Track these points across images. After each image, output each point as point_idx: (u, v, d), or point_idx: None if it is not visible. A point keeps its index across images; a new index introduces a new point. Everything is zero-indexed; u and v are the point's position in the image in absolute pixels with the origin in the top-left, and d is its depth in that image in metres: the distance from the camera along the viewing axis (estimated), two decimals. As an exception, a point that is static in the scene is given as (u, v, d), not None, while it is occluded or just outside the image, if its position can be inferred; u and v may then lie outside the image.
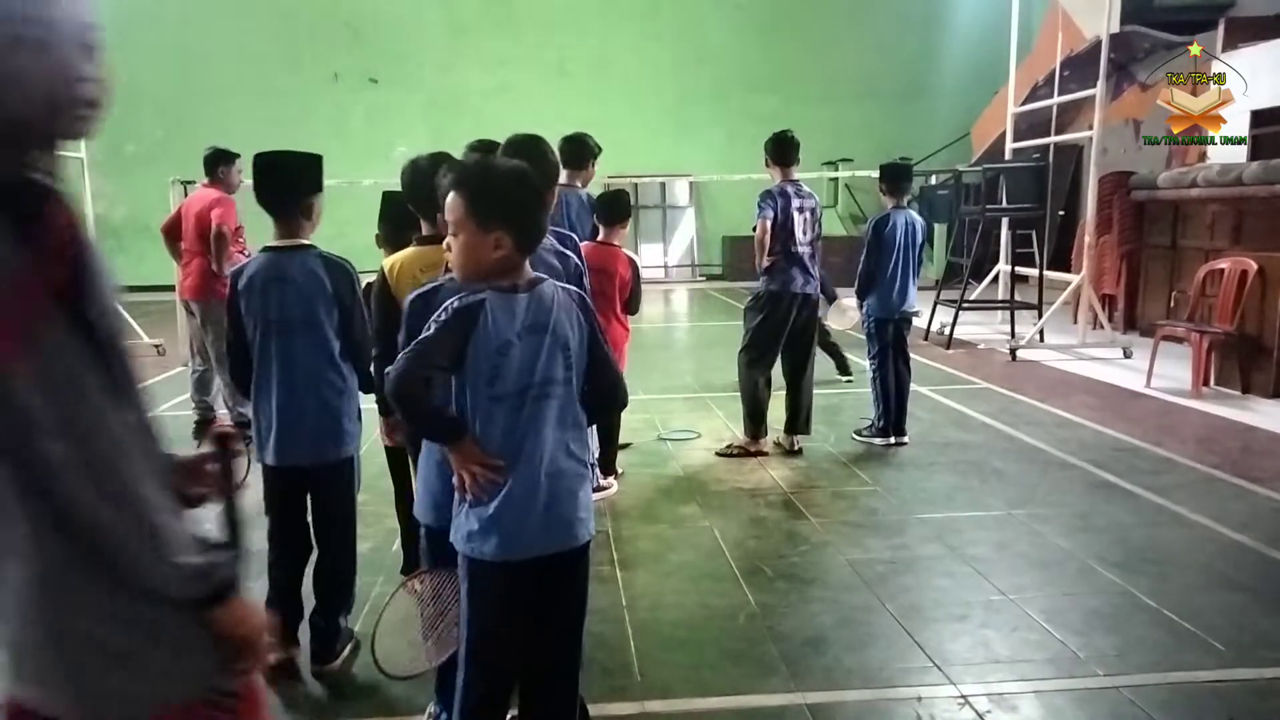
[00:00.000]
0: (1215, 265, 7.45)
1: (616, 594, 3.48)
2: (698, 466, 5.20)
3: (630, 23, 16.73)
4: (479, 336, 1.88)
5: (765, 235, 5.15)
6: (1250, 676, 2.85)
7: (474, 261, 1.94)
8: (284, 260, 2.79)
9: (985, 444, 5.58)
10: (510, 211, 1.92)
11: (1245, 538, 3.99)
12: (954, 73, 16.88)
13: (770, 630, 3.19)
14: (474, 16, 16.39)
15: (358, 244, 3.76)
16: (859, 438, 5.66)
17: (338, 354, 2.83)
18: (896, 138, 15.80)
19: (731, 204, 16.45)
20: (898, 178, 5.70)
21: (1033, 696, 2.75)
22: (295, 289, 2.76)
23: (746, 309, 5.51)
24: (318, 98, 15.90)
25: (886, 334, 5.58)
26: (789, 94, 16.28)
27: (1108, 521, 4.22)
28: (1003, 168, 10.15)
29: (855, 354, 7.22)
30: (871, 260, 5.51)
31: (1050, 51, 10.45)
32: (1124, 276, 9.88)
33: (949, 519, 4.27)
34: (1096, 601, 3.38)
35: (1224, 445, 5.51)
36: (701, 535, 4.13)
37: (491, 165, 2.07)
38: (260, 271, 2.78)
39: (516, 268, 1.95)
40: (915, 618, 3.27)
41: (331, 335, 2.81)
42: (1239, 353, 6.99)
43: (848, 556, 3.84)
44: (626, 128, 15.08)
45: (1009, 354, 8.55)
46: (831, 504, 4.54)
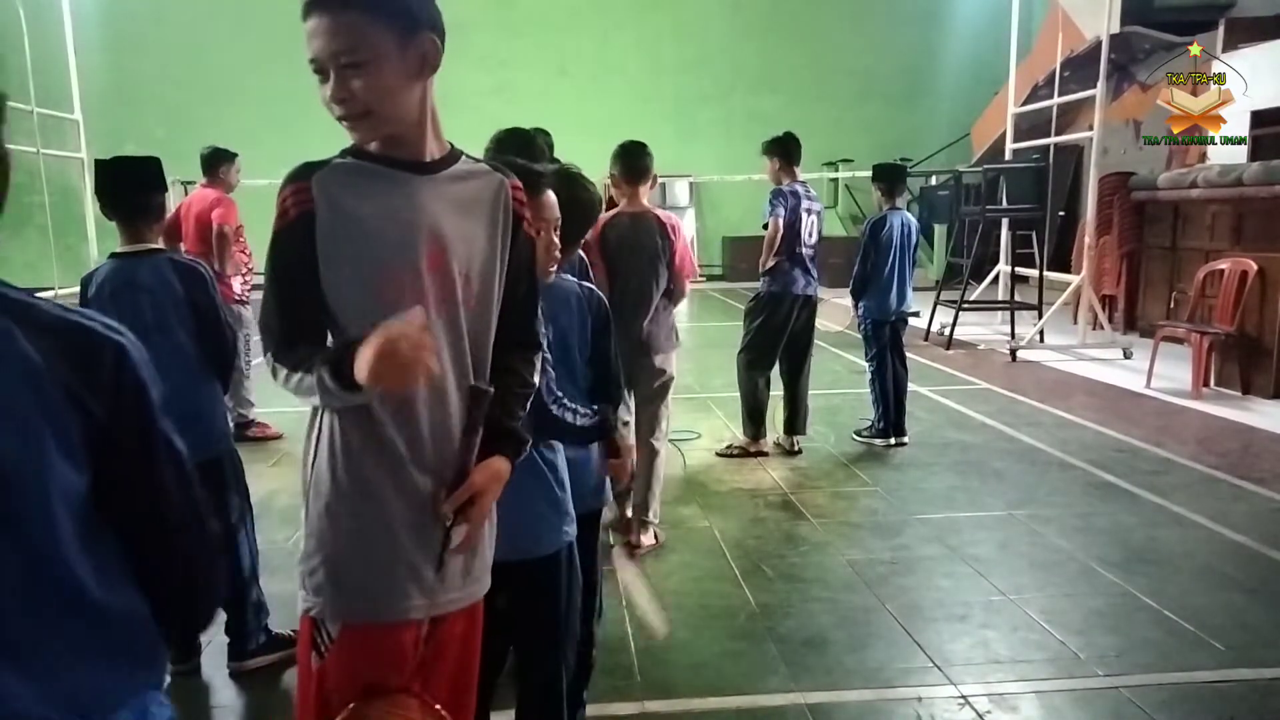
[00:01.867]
0: (1215, 266, 7.45)
1: (616, 594, 3.47)
2: (698, 467, 5.20)
3: (630, 23, 16.73)
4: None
5: (777, 234, 5.16)
6: (1250, 676, 2.85)
7: (554, 260, 2.01)
8: (134, 266, 2.72)
9: (985, 444, 5.58)
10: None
11: (1245, 538, 3.99)
12: (954, 73, 16.88)
13: (770, 630, 3.19)
14: (474, 16, 16.36)
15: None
16: (859, 438, 5.66)
17: (197, 360, 2.76)
18: (896, 138, 15.82)
19: (732, 204, 16.45)
20: (895, 179, 5.72)
21: (1033, 697, 2.75)
22: (147, 296, 2.68)
23: (747, 310, 5.51)
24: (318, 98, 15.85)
25: (884, 335, 5.59)
26: (789, 94, 16.28)
27: (1108, 522, 4.22)
28: (1003, 168, 10.14)
29: (854, 354, 7.22)
30: (868, 262, 5.52)
31: (1050, 52, 10.44)
32: (1124, 277, 9.88)
33: (949, 519, 4.27)
34: (1097, 602, 3.38)
35: (1224, 446, 5.50)
36: (701, 535, 4.13)
37: (571, 174, 2.22)
38: (110, 279, 2.71)
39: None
40: (915, 618, 3.27)
41: (187, 340, 2.73)
42: (1239, 353, 6.99)
43: (848, 556, 3.84)
44: (626, 128, 15.01)
45: (1009, 354, 8.55)
46: (831, 504, 4.54)
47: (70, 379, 0.90)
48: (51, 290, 9.54)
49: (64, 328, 0.94)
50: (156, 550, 1.02)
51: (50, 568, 0.92)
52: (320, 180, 1.41)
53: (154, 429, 0.99)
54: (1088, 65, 9.66)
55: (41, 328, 0.91)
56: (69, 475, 0.91)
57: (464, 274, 1.48)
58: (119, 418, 0.94)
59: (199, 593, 1.09)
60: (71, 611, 0.94)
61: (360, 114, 1.40)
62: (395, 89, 1.40)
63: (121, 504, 0.97)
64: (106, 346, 0.95)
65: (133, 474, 0.97)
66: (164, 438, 1.00)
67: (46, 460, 0.89)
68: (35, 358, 0.89)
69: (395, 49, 1.38)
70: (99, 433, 0.93)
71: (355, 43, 1.36)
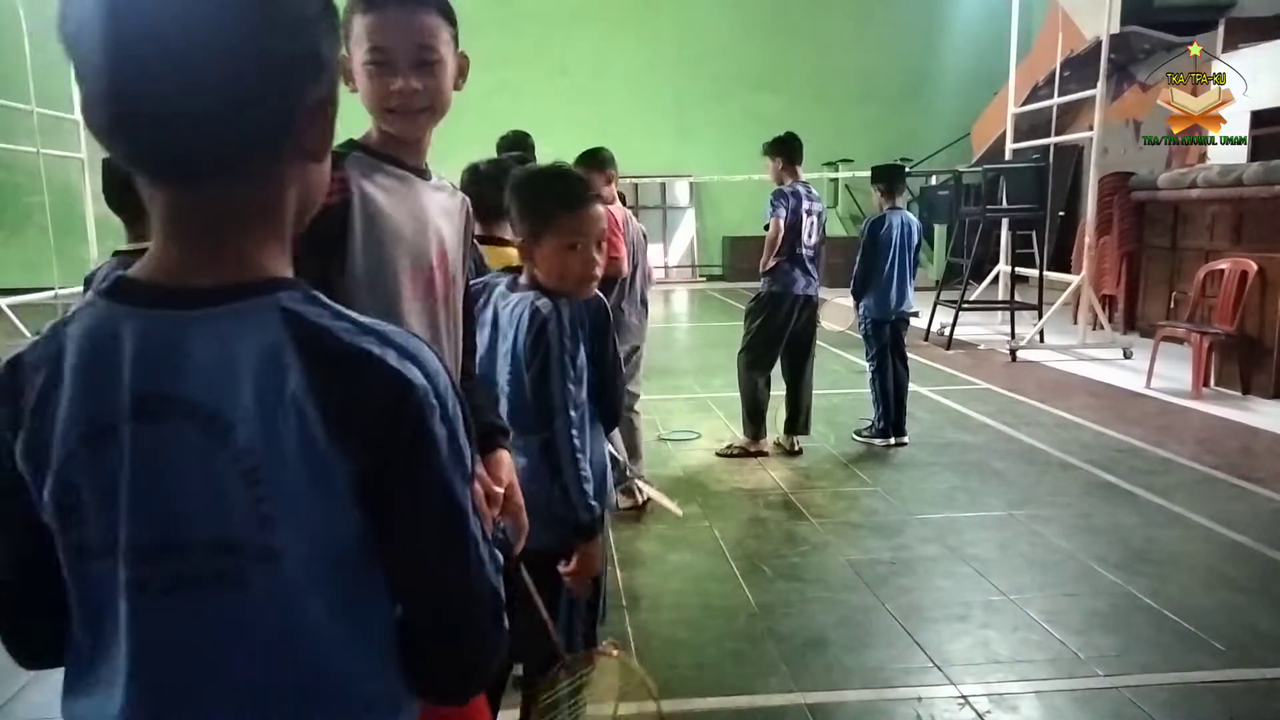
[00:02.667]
0: (1215, 266, 7.45)
1: (616, 594, 3.47)
2: (698, 467, 5.20)
3: (630, 23, 16.72)
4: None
5: (779, 235, 5.17)
6: (1250, 676, 2.86)
7: (594, 278, 2.00)
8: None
9: (985, 444, 5.58)
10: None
11: (1245, 538, 3.99)
12: (954, 73, 16.87)
13: (770, 630, 3.19)
14: (474, 15, 16.25)
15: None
16: (859, 438, 5.66)
17: None
18: (897, 138, 15.81)
19: (732, 204, 16.45)
20: (894, 178, 5.73)
21: (1033, 697, 2.75)
22: None
23: (748, 310, 5.51)
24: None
25: (884, 335, 5.58)
26: (789, 94, 16.27)
27: (1108, 522, 4.22)
28: (1003, 168, 10.14)
29: (854, 354, 7.22)
30: (868, 262, 5.52)
31: (1050, 52, 10.44)
32: (1124, 277, 9.88)
33: (949, 519, 4.27)
34: (1097, 602, 3.38)
35: (1224, 446, 5.50)
36: (701, 535, 4.13)
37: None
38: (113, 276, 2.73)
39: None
40: (915, 618, 3.27)
41: None
42: (1239, 353, 6.99)
43: (848, 556, 3.84)
44: (626, 128, 15.07)
45: (1009, 354, 8.55)
46: (831, 504, 4.54)
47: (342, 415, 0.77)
48: (52, 290, 9.54)
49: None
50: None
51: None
52: (351, 170, 1.44)
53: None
54: (1088, 65, 9.67)
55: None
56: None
57: (454, 276, 1.58)
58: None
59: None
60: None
61: (421, 109, 1.46)
62: (448, 93, 1.49)
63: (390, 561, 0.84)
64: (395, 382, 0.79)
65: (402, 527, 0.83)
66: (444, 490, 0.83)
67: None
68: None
69: (452, 56, 1.48)
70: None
71: (433, 41, 1.43)
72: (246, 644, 0.79)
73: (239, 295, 0.77)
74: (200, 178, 0.78)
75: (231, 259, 0.79)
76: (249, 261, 0.80)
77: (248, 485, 0.76)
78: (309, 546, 0.78)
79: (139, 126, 0.76)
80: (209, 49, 0.73)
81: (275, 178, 0.82)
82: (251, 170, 0.79)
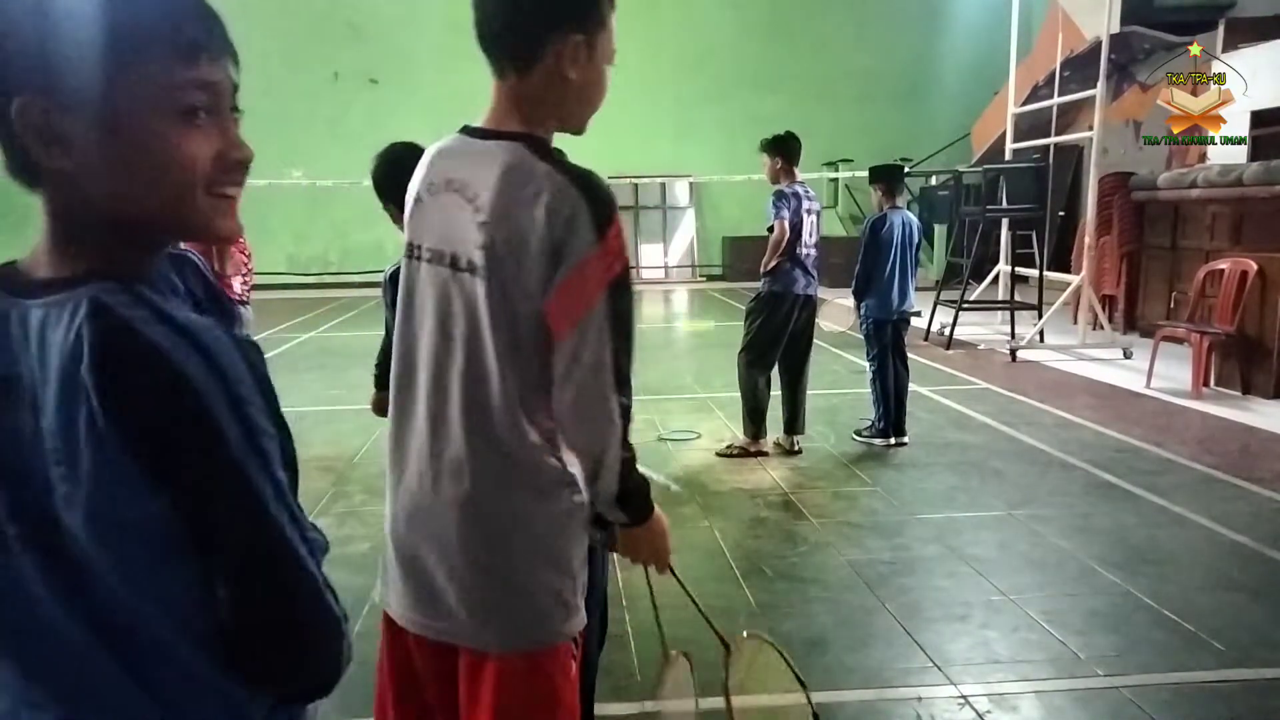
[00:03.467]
0: (1215, 266, 7.45)
1: (616, 594, 3.47)
2: (698, 466, 5.20)
3: (630, 23, 16.30)
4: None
5: (784, 236, 5.17)
6: (1250, 676, 2.86)
7: None
8: None
9: (985, 444, 5.58)
10: None
11: (1245, 538, 3.99)
12: (954, 73, 16.89)
13: (770, 630, 3.18)
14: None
15: (359, 245, 3.76)
16: (859, 438, 5.66)
17: None
18: (896, 138, 15.82)
19: (732, 204, 16.46)
20: (893, 178, 5.73)
21: (1033, 697, 2.76)
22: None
23: (748, 310, 5.51)
24: (317, 97, 15.89)
25: (885, 335, 5.58)
26: (789, 94, 16.27)
27: (1108, 522, 4.22)
28: (1003, 168, 10.15)
29: (854, 354, 7.22)
30: (869, 261, 5.52)
31: (1050, 52, 10.45)
32: (1124, 277, 9.89)
33: (949, 519, 4.27)
34: (1097, 602, 3.38)
35: (1224, 446, 5.51)
36: (701, 535, 4.13)
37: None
38: None
39: None
40: (915, 618, 3.27)
41: None
42: (1239, 353, 6.99)
43: (848, 557, 3.84)
44: (626, 128, 15.07)
45: (1009, 354, 8.55)
46: (831, 504, 4.54)
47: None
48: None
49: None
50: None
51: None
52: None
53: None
54: (1088, 65, 9.66)
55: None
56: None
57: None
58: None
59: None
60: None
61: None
62: None
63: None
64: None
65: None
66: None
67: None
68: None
69: None
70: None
71: None
72: (35, 615, 0.84)
73: (66, 287, 0.85)
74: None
75: (68, 254, 0.89)
76: (83, 256, 0.88)
77: (52, 465, 0.82)
78: (103, 526, 0.82)
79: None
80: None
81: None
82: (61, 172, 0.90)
